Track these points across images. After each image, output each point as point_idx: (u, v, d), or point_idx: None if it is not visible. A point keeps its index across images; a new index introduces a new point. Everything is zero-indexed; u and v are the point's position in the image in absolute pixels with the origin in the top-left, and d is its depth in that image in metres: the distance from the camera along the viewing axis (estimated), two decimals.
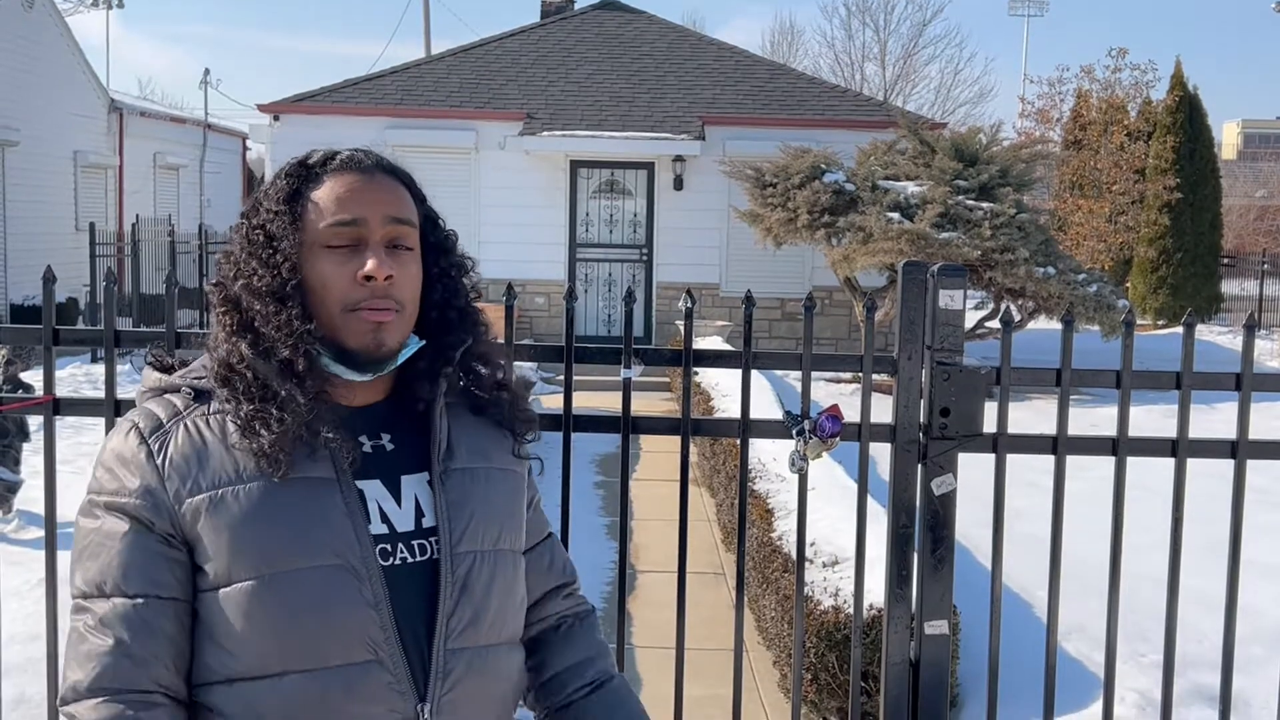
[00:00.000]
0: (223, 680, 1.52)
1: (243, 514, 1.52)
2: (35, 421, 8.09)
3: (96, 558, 1.53)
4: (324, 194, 1.60)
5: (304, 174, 1.62)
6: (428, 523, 1.63)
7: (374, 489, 1.60)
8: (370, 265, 1.56)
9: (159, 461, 1.54)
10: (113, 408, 2.65)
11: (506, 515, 1.73)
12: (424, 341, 1.67)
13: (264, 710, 1.51)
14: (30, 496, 7.80)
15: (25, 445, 7.98)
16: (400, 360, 1.63)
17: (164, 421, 1.58)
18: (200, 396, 1.61)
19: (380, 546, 1.58)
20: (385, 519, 1.59)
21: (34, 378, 9.79)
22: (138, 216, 20.12)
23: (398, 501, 1.62)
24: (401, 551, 1.59)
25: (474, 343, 1.72)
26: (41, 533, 7.29)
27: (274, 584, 1.51)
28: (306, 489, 1.55)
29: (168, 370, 1.69)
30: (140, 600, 1.51)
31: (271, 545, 1.52)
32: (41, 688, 4.61)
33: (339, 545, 1.54)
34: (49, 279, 2.69)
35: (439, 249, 1.70)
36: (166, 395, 1.63)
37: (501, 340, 1.91)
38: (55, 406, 2.72)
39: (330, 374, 1.60)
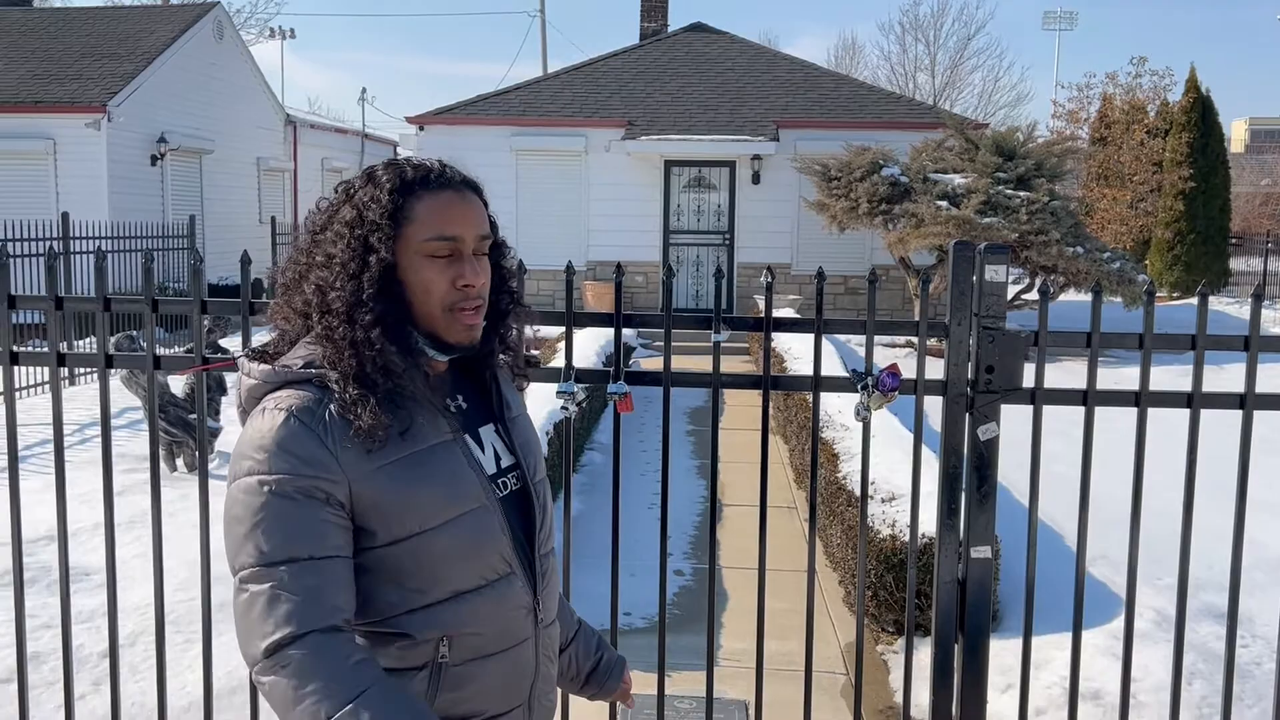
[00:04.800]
0: (404, 612, 1.56)
1: (407, 481, 1.55)
2: (231, 379, 8.32)
3: (278, 531, 1.48)
4: (426, 210, 1.58)
5: (404, 189, 1.58)
6: (505, 463, 1.70)
7: (470, 441, 1.66)
8: (469, 276, 1.59)
9: (329, 445, 1.50)
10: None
11: (540, 449, 1.82)
12: (485, 323, 1.68)
13: (444, 625, 1.58)
14: (226, 440, 8.05)
15: (223, 398, 8.23)
16: None
17: (315, 408, 1.52)
18: (325, 387, 1.56)
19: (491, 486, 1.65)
20: (482, 464, 1.66)
21: (229, 343, 10.07)
22: (309, 211, 20.51)
23: (482, 449, 1.68)
24: (499, 488, 1.67)
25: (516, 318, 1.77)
26: None
27: (441, 532, 1.57)
28: (441, 452, 1.60)
29: (267, 360, 1.63)
30: (327, 559, 1.50)
31: (434, 502, 1.56)
32: None
33: (476, 491, 1.61)
34: (245, 261, 2.75)
35: (499, 248, 1.72)
36: (292, 385, 1.56)
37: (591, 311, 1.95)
38: None
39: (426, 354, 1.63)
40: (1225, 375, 9.40)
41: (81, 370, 11.32)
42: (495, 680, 1.63)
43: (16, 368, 6.05)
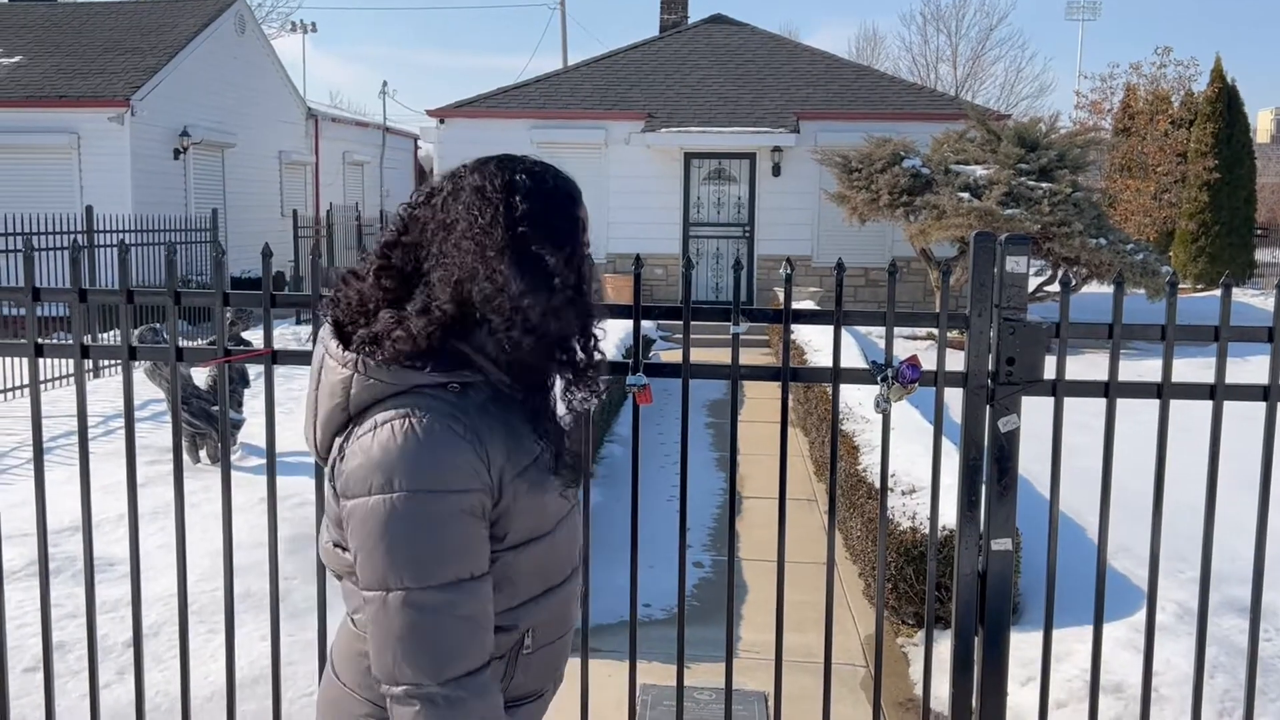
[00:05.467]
0: (504, 610, 1.58)
1: (541, 487, 1.57)
2: (253, 371, 8.38)
3: (441, 551, 1.45)
4: (586, 219, 1.61)
5: (579, 200, 1.60)
6: None
7: None
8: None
9: (482, 455, 1.48)
10: None
11: None
12: None
13: (534, 618, 1.63)
14: (248, 432, 8.10)
15: (245, 390, 8.28)
16: None
17: (460, 415, 1.48)
18: (465, 387, 1.52)
19: None
20: None
21: (251, 336, 10.13)
22: (331, 204, 20.61)
23: None
24: None
25: None
26: (259, 460, 7.58)
27: (557, 532, 1.63)
28: (542, 455, 1.61)
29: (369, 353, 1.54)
30: (484, 577, 1.50)
31: (551, 505, 1.61)
32: (263, 584, 4.82)
33: (572, 490, 1.68)
34: (268, 254, 2.77)
35: None
36: (423, 388, 1.50)
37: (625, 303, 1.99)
38: (274, 358, 2.81)
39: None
40: (1249, 367, 9.32)
41: (105, 362, 11.41)
42: (550, 662, 1.70)
43: (41, 360, 6.12)
